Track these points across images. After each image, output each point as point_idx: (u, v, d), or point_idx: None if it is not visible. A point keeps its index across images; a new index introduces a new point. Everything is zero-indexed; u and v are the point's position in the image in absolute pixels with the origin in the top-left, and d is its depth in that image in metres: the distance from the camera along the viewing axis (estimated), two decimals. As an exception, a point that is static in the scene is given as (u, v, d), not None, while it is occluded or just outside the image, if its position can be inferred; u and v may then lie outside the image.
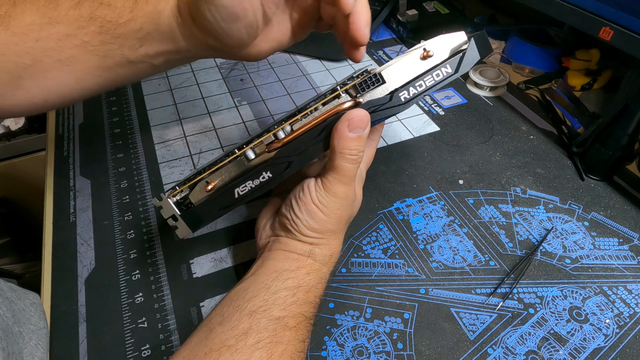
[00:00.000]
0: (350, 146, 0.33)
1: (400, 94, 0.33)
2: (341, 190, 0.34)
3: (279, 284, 0.33)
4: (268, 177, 0.34)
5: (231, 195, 0.34)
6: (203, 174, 0.34)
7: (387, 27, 0.80)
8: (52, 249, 0.44)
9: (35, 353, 0.35)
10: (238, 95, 0.64)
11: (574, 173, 0.52)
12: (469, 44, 0.33)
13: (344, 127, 0.32)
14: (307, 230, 0.35)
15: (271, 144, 0.33)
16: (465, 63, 0.33)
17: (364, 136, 0.33)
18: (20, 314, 0.37)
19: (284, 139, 0.33)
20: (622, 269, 0.42)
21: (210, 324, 0.31)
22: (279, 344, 0.30)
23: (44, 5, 0.32)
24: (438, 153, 0.55)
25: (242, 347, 0.29)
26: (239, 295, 0.33)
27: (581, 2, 0.46)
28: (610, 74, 0.63)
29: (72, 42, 0.33)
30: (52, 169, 0.53)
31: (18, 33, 0.32)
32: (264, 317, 0.31)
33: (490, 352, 0.36)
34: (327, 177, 0.34)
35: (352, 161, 0.33)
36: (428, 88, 0.33)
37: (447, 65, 0.33)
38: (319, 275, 0.36)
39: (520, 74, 0.69)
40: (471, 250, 0.44)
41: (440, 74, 0.33)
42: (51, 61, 0.33)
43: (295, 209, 0.35)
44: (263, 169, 0.33)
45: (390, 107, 0.34)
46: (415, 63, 0.33)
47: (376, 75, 0.33)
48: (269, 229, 0.39)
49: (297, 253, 0.35)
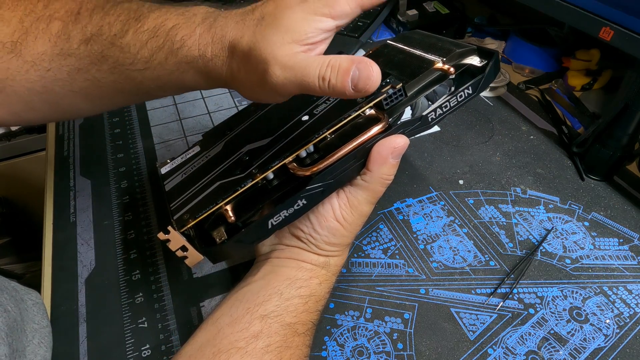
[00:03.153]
0: (390, 172, 0.33)
1: (429, 116, 0.34)
2: (367, 209, 0.34)
3: (292, 291, 0.33)
4: (302, 205, 0.31)
5: (264, 226, 0.31)
6: (220, 201, 0.31)
7: (387, 27, 0.80)
8: (52, 249, 0.45)
9: (38, 351, 0.35)
10: (238, 95, 0.64)
11: (574, 173, 0.52)
12: (488, 68, 0.34)
13: (388, 154, 0.32)
14: (325, 245, 0.35)
15: (299, 170, 0.31)
16: (483, 84, 0.34)
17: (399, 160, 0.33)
18: (25, 312, 0.37)
19: (316, 168, 0.31)
20: (622, 269, 0.42)
21: (218, 324, 0.31)
22: (288, 348, 0.30)
23: (56, 36, 0.31)
24: (438, 153, 0.55)
25: (252, 350, 0.29)
26: (247, 298, 0.33)
27: (581, 2, 0.46)
28: (610, 74, 0.63)
29: (84, 76, 0.32)
30: (52, 169, 0.53)
31: (29, 61, 0.32)
32: (275, 322, 0.31)
33: (490, 352, 0.36)
34: (356, 195, 0.33)
35: (386, 185, 0.33)
36: (451, 108, 0.34)
37: (469, 87, 0.34)
38: (329, 285, 0.36)
39: (521, 74, 0.69)
40: (471, 251, 0.44)
41: (462, 95, 0.34)
42: (63, 91, 0.33)
43: (315, 224, 0.34)
44: (298, 197, 0.31)
45: (418, 127, 0.34)
46: (435, 78, 0.34)
47: (400, 90, 0.32)
48: (273, 236, 0.37)
49: (312, 264, 0.35)
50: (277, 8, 0.28)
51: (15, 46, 0.31)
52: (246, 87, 0.30)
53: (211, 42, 0.29)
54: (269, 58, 0.27)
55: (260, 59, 0.27)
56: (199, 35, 0.29)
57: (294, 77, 0.27)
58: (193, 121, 0.59)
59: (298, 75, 0.26)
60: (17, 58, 0.31)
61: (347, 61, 0.26)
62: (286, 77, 0.27)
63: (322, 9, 0.27)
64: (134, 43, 0.30)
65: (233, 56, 0.29)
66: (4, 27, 0.31)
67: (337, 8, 0.27)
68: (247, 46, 0.27)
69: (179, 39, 0.29)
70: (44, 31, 0.31)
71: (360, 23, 0.74)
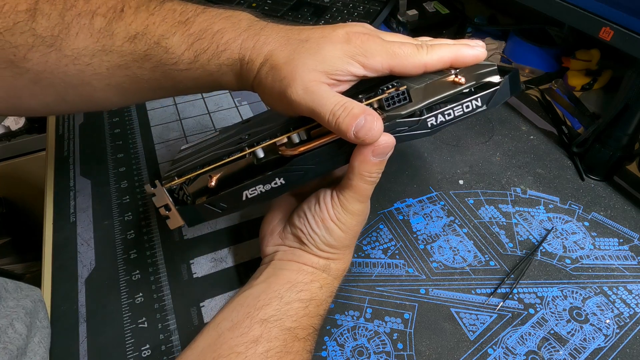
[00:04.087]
0: (372, 170, 0.32)
1: (428, 120, 0.32)
2: (358, 208, 0.34)
3: (292, 295, 0.33)
4: (280, 184, 0.32)
5: (238, 197, 0.33)
6: (206, 167, 0.33)
7: (387, 27, 0.80)
8: (52, 249, 0.45)
9: (38, 350, 0.35)
10: (238, 95, 0.64)
11: (574, 173, 0.52)
12: (502, 82, 0.32)
13: (369, 152, 0.31)
14: (324, 246, 0.35)
15: (287, 150, 0.32)
16: (496, 99, 0.32)
17: (386, 160, 0.33)
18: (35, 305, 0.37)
19: (302, 148, 0.31)
20: (622, 269, 0.42)
21: (219, 328, 0.31)
22: (288, 354, 0.30)
23: (98, 32, 0.32)
24: (438, 153, 0.55)
25: (251, 355, 0.29)
26: (248, 302, 0.33)
27: (581, 2, 0.46)
28: (610, 74, 0.63)
29: (124, 72, 0.33)
30: (52, 169, 0.53)
31: (69, 55, 0.32)
32: (275, 327, 0.31)
33: (490, 352, 0.36)
34: (344, 194, 0.34)
35: (370, 183, 0.33)
36: (456, 117, 0.32)
37: (478, 99, 0.32)
38: (330, 290, 0.36)
39: (521, 74, 0.69)
40: (471, 251, 0.44)
41: (470, 106, 0.32)
42: (101, 85, 0.33)
43: (312, 224, 0.35)
44: (277, 175, 0.32)
45: (415, 132, 0.32)
46: (444, 87, 0.32)
47: (404, 93, 0.31)
48: (277, 237, 0.38)
49: (312, 267, 0.35)
50: (322, 38, 0.31)
51: (55, 40, 0.31)
52: (267, 94, 0.32)
53: (252, 47, 0.31)
54: (297, 76, 0.30)
55: (289, 74, 0.30)
56: (242, 41, 0.31)
57: (311, 101, 0.29)
58: (193, 121, 0.59)
59: (315, 101, 0.29)
60: (56, 52, 0.31)
61: (359, 109, 0.29)
62: (304, 99, 0.29)
63: (359, 57, 0.31)
64: (179, 45, 0.32)
65: (266, 63, 0.31)
66: (43, 21, 0.31)
67: (372, 61, 0.31)
68: (283, 59, 0.30)
69: (224, 42, 0.31)
70: (87, 27, 0.31)
71: (360, 23, 0.74)
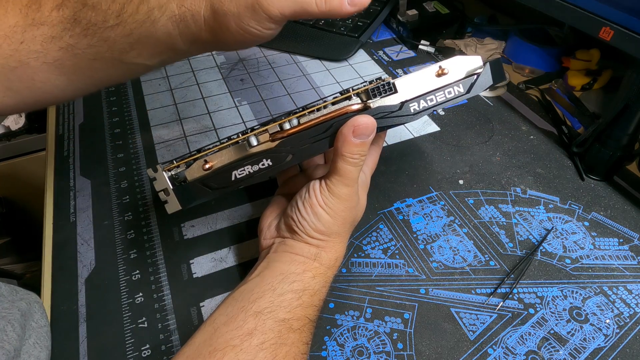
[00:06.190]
0: (353, 151, 0.33)
1: (411, 105, 0.34)
2: (344, 192, 0.35)
3: (285, 286, 0.33)
4: (267, 165, 0.34)
5: (228, 176, 0.34)
6: (202, 152, 0.34)
7: (387, 27, 0.80)
8: (52, 249, 0.45)
9: (32, 352, 0.35)
10: (238, 95, 0.64)
11: (574, 173, 0.52)
12: (484, 68, 0.34)
13: (349, 132, 0.32)
14: (313, 232, 0.35)
15: (275, 134, 0.33)
16: (477, 85, 0.35)
17: (368, 142, 0.33)
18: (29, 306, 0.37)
19: (289, 130, 0.33)
20: (622, 269, 0.42)
21: (215, 324, 0.31)
22: (283, 345, 0.30)
23: (26, 7, 0.31)
24: (438, 153, 0.55)
25: (246, 347, 0.29)
26: (243, 296, 0.33)
27: (581, 2, 0.46)
28: (610, 74, 0.63)
29: (57, 44, 0.32)
30: (52, 169, 0.53)
31: (2, 35, 0.31)
32: (269, 319, 0.31)
33: (490, 352, 0.36)
34: (331, 179, 0.35)
35: (354, 164, 0.34)
36: (438, 103, 0.34)
37: (460, 84, 0.34)
38: (324, 279, 0.36)
39: (521, 74, 0.69)
40: (471, 250, 0.44)
41: (452, 92, 0.34)
42: (38, 64, 0.33)
43: (302, 210, 0.35)
44: (264, 156, 0.34)
45: (398, 116, 0.34)
46: (430, 79, 0.34)
47: (389, 84, 0.33)
48: (273, 229, 0.39)
49: (303, 256, 0.35)
50: None
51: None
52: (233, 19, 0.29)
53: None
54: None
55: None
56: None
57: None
58: (193, 121, 0.59)
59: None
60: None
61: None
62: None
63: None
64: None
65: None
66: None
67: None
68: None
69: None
70: (14, 3, 0.31)
71: (360, 23, 0.74)
